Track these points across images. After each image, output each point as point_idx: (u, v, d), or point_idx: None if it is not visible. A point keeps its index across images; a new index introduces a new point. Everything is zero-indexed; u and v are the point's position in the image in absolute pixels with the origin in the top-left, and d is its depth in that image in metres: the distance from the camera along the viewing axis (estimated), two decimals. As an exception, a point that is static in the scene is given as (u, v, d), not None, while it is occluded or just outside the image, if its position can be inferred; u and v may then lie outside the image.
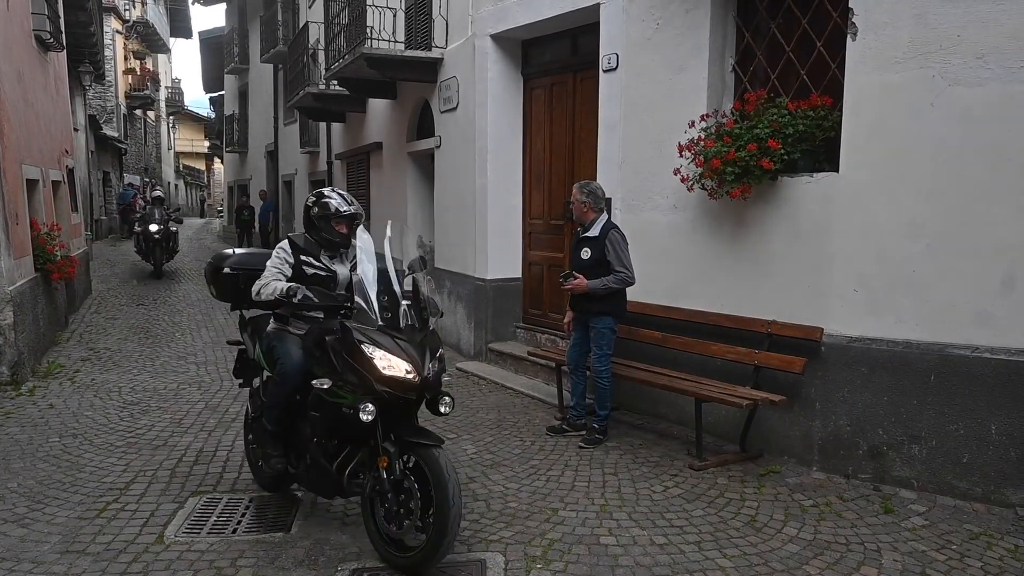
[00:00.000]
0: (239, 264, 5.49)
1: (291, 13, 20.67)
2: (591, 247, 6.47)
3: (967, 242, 5.21)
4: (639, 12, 7.27)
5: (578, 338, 6.79)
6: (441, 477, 4.11)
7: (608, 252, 6.38)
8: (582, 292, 6.39)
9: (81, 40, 15.85)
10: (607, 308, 6.48)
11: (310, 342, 4.72)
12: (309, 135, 19.82)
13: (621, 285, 6.43)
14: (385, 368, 4.20)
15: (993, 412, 5.17)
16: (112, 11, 29.78)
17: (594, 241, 6.47)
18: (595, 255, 6.44)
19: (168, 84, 49.05)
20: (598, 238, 6.44)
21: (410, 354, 4.27)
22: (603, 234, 6.44)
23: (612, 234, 6.43)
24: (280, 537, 4.79)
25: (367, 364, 4.23)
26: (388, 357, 4.23)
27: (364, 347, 4.25)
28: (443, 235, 11.14)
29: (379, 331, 4.32)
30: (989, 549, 4.65)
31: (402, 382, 4.23)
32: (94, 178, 24.60)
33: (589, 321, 6.57)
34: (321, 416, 4.59)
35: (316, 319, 4.82)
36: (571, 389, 7.06)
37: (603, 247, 6.40)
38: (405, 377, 4.23)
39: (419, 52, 10.96)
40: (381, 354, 4.23)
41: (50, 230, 10.07)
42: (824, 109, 5.95)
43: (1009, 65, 4.98)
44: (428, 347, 4.39)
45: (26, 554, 4.53)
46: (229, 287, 5.48)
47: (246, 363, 5.67)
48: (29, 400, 7.73)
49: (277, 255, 4.89)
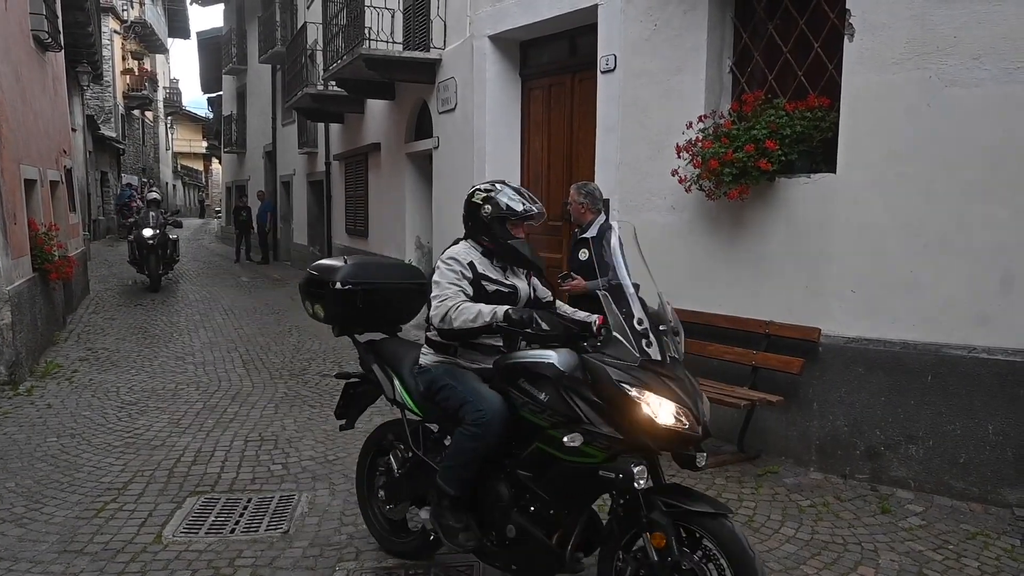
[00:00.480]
0: (356, 278, 4.41)
1: (289, 14, 20.69)
2: (589, 248, 6.47)
3: (964, 243, 5.22)
4: (637, 13, 7.28)
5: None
6: (745, 556, 3.08)
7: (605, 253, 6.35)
8: (580, 293, 6.38)
9: (79, 40, 15.84)
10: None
11: (502, 378, 3.73)
12: (307, 136, 19.84)
13: None
14: (661, 418, 3.17)
15: (990, 412, 5.18)
16: (110, 11, 29.81)
17: (592, 242, 6.46)
18: (592, 256, 6.42)
19: (166, 84, 49.08)
20: (595, 239, 6.44)
21: (685, 398, 3.25)
22: (601, 235, 6.43)
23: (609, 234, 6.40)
24: (278, 537, 4.79)
25: (635, 413, 3.19)
26: (663, 403, 3.20)
27: (630, 391, 3.21)
28: (441, 236, 11.14)
29: (641, 367, 3.28)
30: (986, 549, 4.66)
31: (682, 436, 3.21)
32: (92, 178, 24.59)
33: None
34: (545, 478, 3.56)
35: (497, 348, 3.94)
36: None
37: (600, 248, 6.39)
38: (685, 429, 3.20)
39: (417, 53, 10.99)
40: (656, 400, 3.19)
41: (48, 230, 10.06)
42: (821, 110, 5.95)
43: (1005, 66, 4.99)
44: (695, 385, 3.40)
45: (24, 553, 4.52)
46: (341, 306, 4.42)
47: (354, 400, 4.78)
48: (27, 400, 7.73)
49: (450, 268, 3.89)
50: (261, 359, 9.94)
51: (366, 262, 4.79)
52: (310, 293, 4.59)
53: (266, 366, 9.54)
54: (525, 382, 3.56)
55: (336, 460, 6.17)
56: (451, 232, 10.59)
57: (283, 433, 6.85)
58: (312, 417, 7.36)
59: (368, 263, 4.80)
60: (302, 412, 7.53)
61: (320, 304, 4.51)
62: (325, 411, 7.55)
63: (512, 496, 3.68)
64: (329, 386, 8.55)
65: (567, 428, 3.37)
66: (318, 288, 4.49)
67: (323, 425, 7.08)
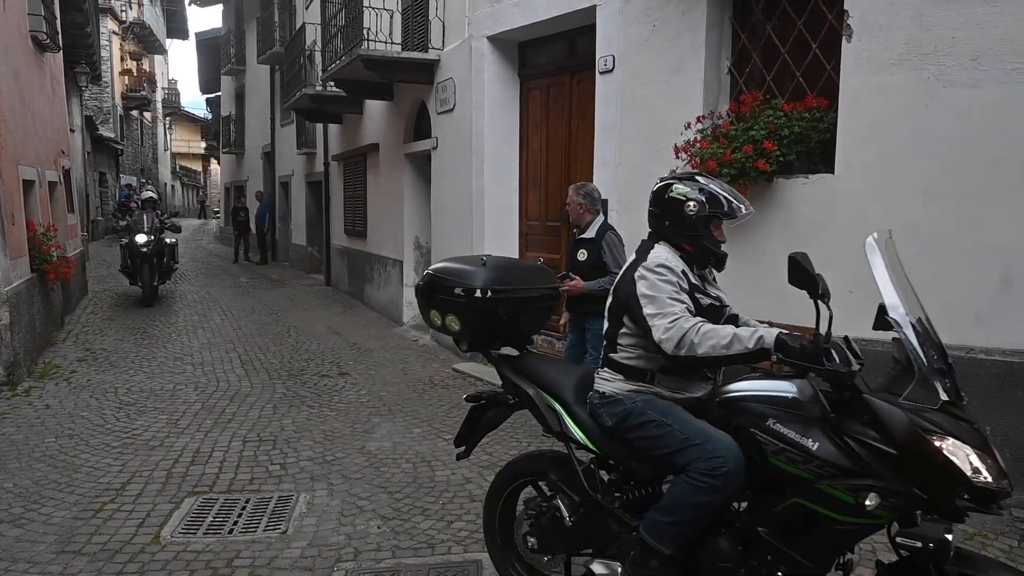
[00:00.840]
0: (501, 284, 3.69)
1: (288, 14, 20.67)
2: (587, 249, 6.46)
3: (962, 244, 5.22)
4: (635, 14, 7.29)
5: (574, 340, 6.74)
6: None
7: (604, 254, 6.36)
8: (580, 294, 6.41)
9: (78, 41, 15.85)
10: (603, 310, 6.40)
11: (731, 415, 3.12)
12: (306, 136, 19.83)
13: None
14: (975, 474, 2.60)
15: (988, 413, 5.16)
16: (109, 12, 29.81)
17: (590, 243, 6.45)
18: (592, 257, 6.42)
19: (165, 85, 49.11)
20: (594, 240, 6.43)
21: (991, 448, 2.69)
22: (599, 236, 6.43)
23: (608, 235, 6.42)
24: (276, 537, 4.79)
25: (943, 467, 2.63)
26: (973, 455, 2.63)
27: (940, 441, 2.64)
28: (440, 236, 11.15)
29: (941, 410, 2.70)
30: (984, 550, 4.64)
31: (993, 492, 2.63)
32: (90, 179, 24.59)
33: (585, 323, 6.54)
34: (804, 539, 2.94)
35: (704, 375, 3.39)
36: None
37: (600, 249, 6.39)
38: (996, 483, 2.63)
39: (416, 53, 10.98)
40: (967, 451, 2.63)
41: (47, 231, 10.06)
42: (820, 111, 5.96)
43: (1004, 67, 4.99)
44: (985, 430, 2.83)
45: (22, 554, 4.52)
46: (482, 317, 3.73)
47: (479, 426, 4.09)
48: (25, 400, 7.72)
49: (665, 279, 3.21)
50: (259, 359, 9.93)
51: (505, 264, 3.99)
52: (439, 302, 3.79)
53: (264, 366, 9.54)
54: (777, 423, 2.95)
55: (334, 460, 6.18)
56: (450, 233, 10.59)
57: (281, 433, 6.85)
58: (310, 417, 7.36)
59: (507, 265, 4.03)
60: (300, 412, 7.52)
61: (454, 315, 3.74)
62: (323, 411, 7.56)
63: (739, 554, 3.08)
64: (327, 386, 8.56)
65: (843, 481, 2.78)
66: (450, 296, 3.70)
67: (321, 425, 7.08)
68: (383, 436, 6.82)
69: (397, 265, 13.21)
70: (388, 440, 6.71)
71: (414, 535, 4.84)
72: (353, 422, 7.23)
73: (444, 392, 8.44)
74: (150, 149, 44.70)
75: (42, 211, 10.52)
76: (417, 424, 7.19)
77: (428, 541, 4.76)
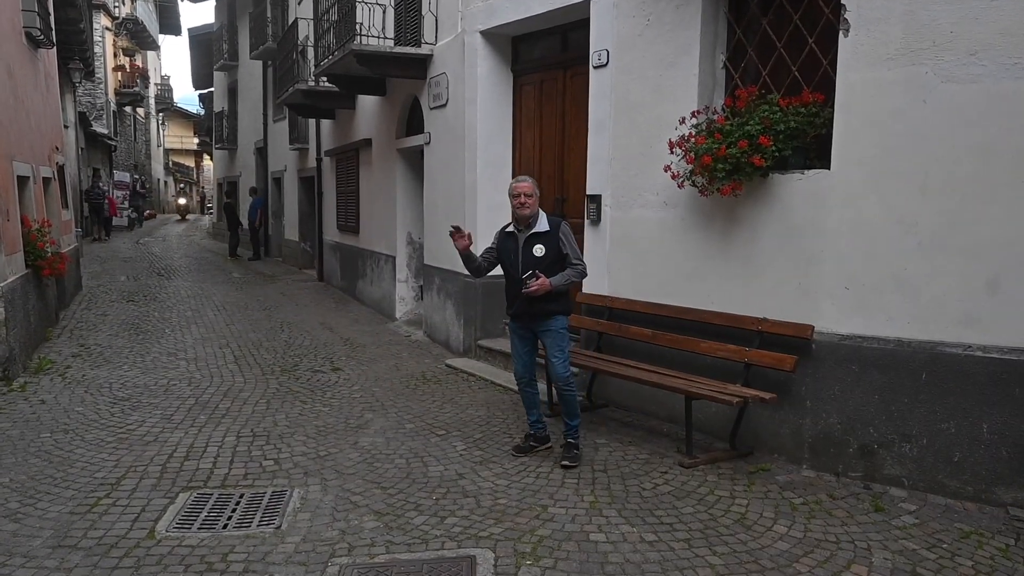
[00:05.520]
0: None
1: (280, 10, 20.62)
2: (544, 243, 6.13)
3: (959, 240, 5.21)
4: (629, 8, 7.27)
5: (524, 350, 6.34)
6: None
7: (564, 245, 6.10)
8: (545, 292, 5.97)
9: (71, 37, 15.82)
10: (562, 307, 6.16)
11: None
12: (298, 132, 19.78)
13: (580, 278, 6.23)
14: None
15: (985, 411, 5.18)
16: (102, 8, 29.73)
17: (546, 236, 6.13)
18: (550, 251, 6.11)
19: (157, 81, 49.06)
20: (550, 232, 6.13)
21: None
22: (555, 228, 6.14)
23: (563, 226, 6.17)
24: (271, 532, 4.78)
25: None
26: None
27: None
28: (432, 232, 11.13)
29: None
30: (980, 548, 4.66)
31: None
32: (84, 175, 24.50)
33: (539, 326, 6.19)
34: None
35: None
36: (526, 404, 6.45)
37: (557, 241, 6.12)
38: None
39: (408, 49, 10.95)
40: None
41: (41, 227, 10.02)
42: (816, 106, 5.95)
43: (1002, 62, 4.98)
44: None
45: (18, 549, 4.51)
46: None
47: None
48: (20, 396, 7.69)
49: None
50: (253, 355, 9.92)
51: None
52: None
53: (258, 362, 9.52)
54: None
55: (327, 456, 6.17)
56: (443, 228, 10.56)
57: (275, 429, 6.83)
58: (304, 413, 7.35)
59: None
60: (294, 408, 7.51)
61: None
62: (317, 407, 7.55)
63: None
64: (320, 382, 8.55)
65: None
66: None
67: (314, 421, 7.07)
68: (376, 431, 6.81)
69: (390, 261, 13.19)
70: (381, 435, 6.70)
71: (408, 530, 4.83)
72: (346, 417, 7.22)
73: (437, 388, 8.43)
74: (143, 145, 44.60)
75: (36, 207, 10.47)
76: (410, 419, 7.18)
77: (422, 536, 4.75)
